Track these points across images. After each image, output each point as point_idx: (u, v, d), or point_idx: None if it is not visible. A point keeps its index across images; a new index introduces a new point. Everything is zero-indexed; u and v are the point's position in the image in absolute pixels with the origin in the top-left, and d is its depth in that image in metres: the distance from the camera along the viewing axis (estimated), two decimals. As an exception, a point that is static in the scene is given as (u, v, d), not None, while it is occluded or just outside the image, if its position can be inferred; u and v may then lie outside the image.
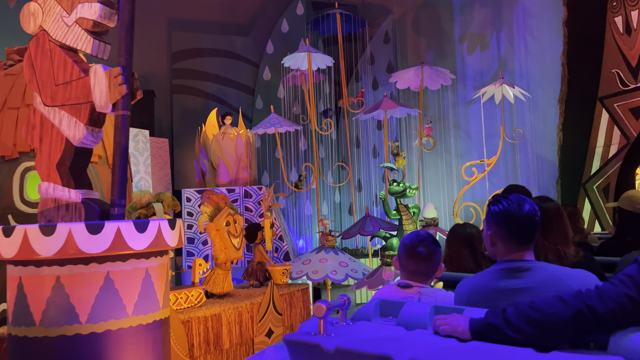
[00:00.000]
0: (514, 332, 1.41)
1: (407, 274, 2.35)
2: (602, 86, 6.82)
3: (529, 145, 8.10)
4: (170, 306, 3.78)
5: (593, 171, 7.03)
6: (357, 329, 1.59)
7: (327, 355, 1.43)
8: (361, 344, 1.43)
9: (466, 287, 1.92)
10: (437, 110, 9.92)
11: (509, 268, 1.78)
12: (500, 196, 1.85)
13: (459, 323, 1.49)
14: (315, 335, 1.51)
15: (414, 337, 1.49)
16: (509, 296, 1.70)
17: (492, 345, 1.39)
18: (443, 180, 9.46)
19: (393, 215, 6.46)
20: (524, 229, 1.78)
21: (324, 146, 9.82)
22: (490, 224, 1.84)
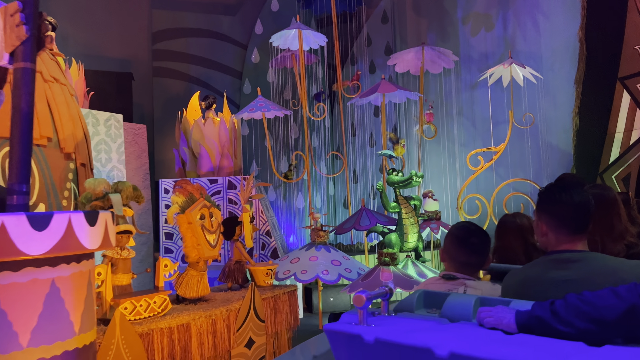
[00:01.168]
0: (562, 325, 1.35)
1: (456, 265, 2.27)
2: (623, 65, 6.16)
3: (539, 132, 7.44)
4: (123, 317, 3.11)
5: (612, 159, 6.38)
6: (399, 321, 1.55)
7: (367, 346, 1.41)
8: (401, 335, 1.40)
9: (514, 279, 1.85)
10: (438, 96, 9.25)
11: (559, 258, 1.72)
12: (551, 184, 1.79)
13: (505, 315, 1.44)
14: (356, 326, 1.48)
15: (457, 329, 1.45)
16: (559, 288, 1.62)
17: (540, 339, 1.34)
18: (445, 170, 8.81)
19: (392, 208, 5.81)
20: (575, 218, 1.72)
21: (317, 134, 9.15)
22: (541, 213, 1.78)
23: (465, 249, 2.27)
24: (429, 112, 8.22)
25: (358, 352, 1.47)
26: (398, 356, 1.40)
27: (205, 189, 4.38)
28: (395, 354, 1.40)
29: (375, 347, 1.41)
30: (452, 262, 2.30)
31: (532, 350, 1.26)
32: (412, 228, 5.79)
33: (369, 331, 1.45)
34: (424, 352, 1.32)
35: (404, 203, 5.81)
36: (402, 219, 5.81)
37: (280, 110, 6.96)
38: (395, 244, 5.80)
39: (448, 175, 8.83)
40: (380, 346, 1.41)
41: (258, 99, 6.84)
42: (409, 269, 5.70)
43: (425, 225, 6.60)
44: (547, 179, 7.55)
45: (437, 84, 9.26)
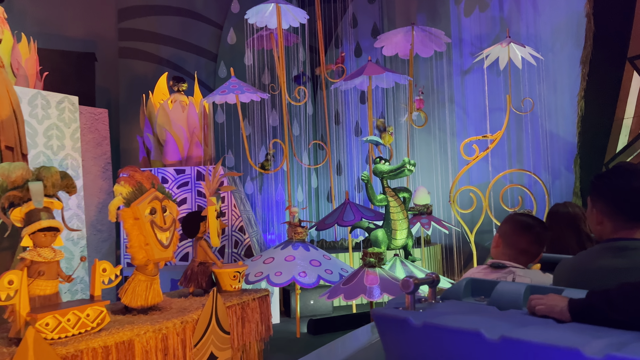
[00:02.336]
0: (619, 314, 1.29)
1: (514, 253, 2.22)
2: (634, 43, 5.57)
3: (539, 119, 6.87)
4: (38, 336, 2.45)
5: (619, 148, 5.81)
6: (446, 307, 1.53)
7: (415, 330, 1.40)
8: (449, 319, 1.38)
9: (567, 267, 1.81)
10: (429, 81, 8.65)
11: (615, 246, 1.67)
12: (607, 170, 1.73)
13: (557, 303, 1.38)
14: (403, 310, 1.47)
15: (507, 316, 1.43)
16: (614, 276, 1.52)
17: (594, 327, 1.29)
18: (436, 161, 8.22)
19: (378, 202, 5.19)
20: (632, 204, 1.64)
21: (298, 122, 8.49)
22: (596, 200, 1.72)
23: (528, 237, 2.22)
24: (418, 98, 7.59)
25: (406, 337, 1.46)
26: (446, 340, 1.37)
27: (157, 178, 3.71)
28: (443, 338, 1.38)
29: (423, 331, 1.40)
30: (508, 250, 2.23)
31: (586, 337, 1.21)
32: (401, 223, 5.18)
33: (417, 315, 1.43)
34: (473, 335, 1.29)
35: (392, 196, 5.19)
36: (390, 213, 5.19)
37: (255, 93, 6.28)
38: (382, 241, 5.18)
39: (439, 166, 8.24)
40: (428, 330, 1.39)
41: (231, 81, 6.16)
42: (397, 270, 5.09)
43: (415, 221, 5.99)
44: (547, 170, 6.99)
45: (428, 69, 8.65)
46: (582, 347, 1.14)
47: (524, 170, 6.71)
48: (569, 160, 6.56)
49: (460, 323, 1.35)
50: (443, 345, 1.37)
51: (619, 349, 1.13)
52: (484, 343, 1.27)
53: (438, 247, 8.01)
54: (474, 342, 1.29)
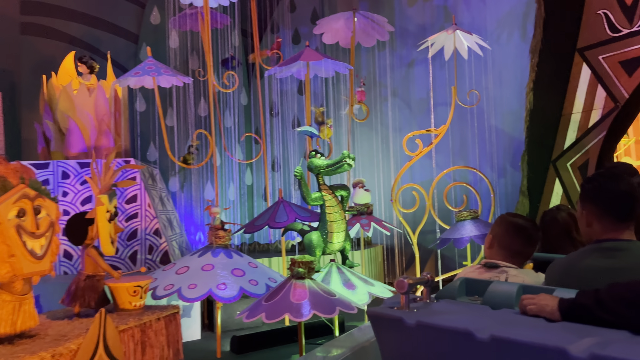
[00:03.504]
0: (607, 314, 1.33)
1: (507, 254, 2.23)
2: (584, 33, 5.28)
3: (484, 114, 6.52)
4: None
5: (567, 144, 5.52)
6: (440, 306, 1.57)
7: (409, 329, 1.44)
8: (442, 319, 1.42)
9: (558, 267, 1.82)
10: (371, 74, 8.17)
11: (605, 247, 1.69)
12: (595, 173, 1.76)
13: (547, 303, 1.42)
14: (398, 310, 1.50)
15: (499, 315, 1.46)
16: (604, 276, 1.52)
17: (583, 326, 1.32)
18: (378, 158, 7.74)
19: (313, 201, 4.59)
20: (620, 206, 1.67)
21: (231, 113, 7.76)
22: (585, 202, 1.74)
23: (521, 239, 2.25)
24: (360, 89, 7.07)
25: (400, 336, 1.49)
26: (439, 339, 1.40)
27: (31, 171, 2.93)
28: (436, 337, 1.40)
29: (416, 330, 1.43)
30: (502, 251, 2.25)
31: (574, 337, 1.22)
32: (338, 225, 4.60)
33: (411, 315, 1.46)
34: (464, 335, 1.31)
35: (328, 194, 4.60)
36: (326, 213, 4.60)
37: (175, 76, 5.51)
38: (316, 245, 4.58)
39: (381, 163, 7.77)
40: (422, 329, 1.42)
41: (147, 62, 5.36)
42: (332, 277, 4.51)
43: (354, 221, 5.45)
44: (492, 167, 6.66)
45: (370, 60, 8.17)
46: (569, 347, 1.16)
47: (468, 167, 6.34)
48: (515, 157, 6.25)
49: (452, 323, 1.38)
50: (436, 344, 1.41)
51: (603, 348, 1.15)
52: (475, 342, 1.29)
53: (379, 248, 7.54)
54: (466, 341, 1.31)
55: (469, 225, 5.08)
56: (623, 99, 4.98)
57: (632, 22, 4.84)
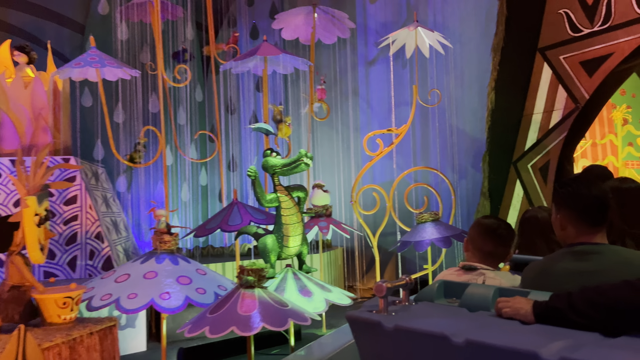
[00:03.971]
0: (579, 317, 1.37)
1: (481, 256, 2.29)
2: (545, 33, 5.21)
3: (446, 113, 6.41)
4: None
5: (528, 145, 5.44)
6: (419, 309, 1.60)
7: (387, 333, 1.45)
8: (420, 323, 1.44)
9: (533, 270, 1.85)
10: (332, 72, 7.95)
11: (578, 250, 1.72)
12: (569, 178, 1.94)
13: (522, 306, 1.46)
14: (376, 314, 1.52)
15: (475, 318, 1.49)
16: (577, 279, 1.57)
17: (555, 329, 1.36)
18: (338, 158, 7.54)
19: (268, 202, 4.32)
20: (594, 210, 1.72)
21: (185, 110, 7.39)
22: (560, 206, 1.78)
23: (493, 240, 2.29)
24: (320, 87, 6.84)
25: (378, 339, 1.50)
26: (416, 343, 1.41)
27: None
28: (413, 340, 1.41)
29: (394, 334, 1.44)
30: (476, 253, 2.30)
31: (546, 340, 1.26)
32: (294, 228, 4.34)
33: (389, 319, 1.47)
34: (441, 339, 1.33)
35: (285, 195, 4.35)
36: (282, 216, 4.35)
37: (121, 68, 5.12)
38: (271, 249, 4.31)
39: (342, 163, 7.57)
40: (399, 333, 1.43)
41: (90, 52, 4.96)
42: (288, 284, 4.26)
43: (312, 224, 5.20)
44: (453, 168, 6.56)
45: (331, 58, 7.96)
46: (540, 350, 1.19)
47: (429, 168, 6.21)
48: (476, 158, 6.16)
49: (429, 327, 1.40)
50: (414, 348, 1.43)
51: (574, 351, 1.19)
52: (450, 346, 1.32)
53: (339, 251, 7.33)
54: (442, 345, 1.33)
55: (430, 228, 4.92)
56: (583, 99, 4.93)
57: (592, 22, 4.80)
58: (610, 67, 4.68)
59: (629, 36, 4.51)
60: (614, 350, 1.21)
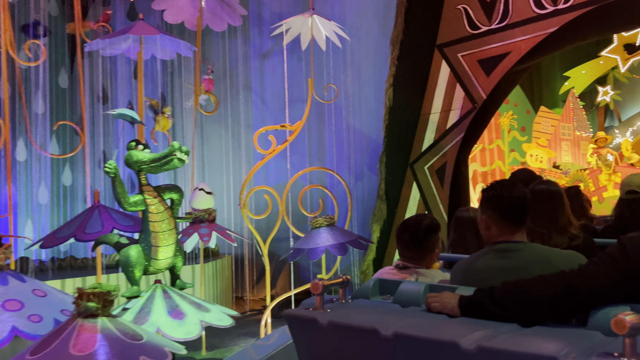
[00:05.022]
0: (499, 309, 1.47)
1: (401, 256, 2.45)
2: (444, 29, 5.00)
3: (342, 112, 6.03)
4: None
5: (425, 146, 5.21)
6: (354, 306, 1.66)
7: (322, 329, 1.51)
8: (352, 318, 1.51)
9: (461, 268, 1.96)
10: (222, 63, 7.28)
11: (499, 249, 1.85)
12: (493, 182, 1.93)
13: (449, 300, 1.55)
14: (312, 310, 1.58)
15: (405, 313, 1.57)
16: (499, 275, 1.66)
17: (478, 321, 1.45)
18: (228, 157, 6.87)
19: (131, 205, 3.58)
20: (514, 211, 1.85)
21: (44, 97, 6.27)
22: (485, 208, 1.90)
23: (399, 244, 2.46)
24: (207, 77, 6.14)
25: (314, 335, 1.57)
26: (349, 337, 1.49)
27: None
28: (346, 335, 1.50)
29: (328, 329, 1.51)
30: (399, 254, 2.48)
31: (467, 331, 1.33)
32: (165, 237, 3.65)
33: (324, 315, 1.54)
34: (371, 332, 1.41)
35: (153, 197, 3.63)
36: (150, 222, 3.63)
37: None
38: (135, 262, 3.58)
39: (232, 163, 6.92)
40: (333, 328, 1.50)
41: None
42: (156, 304, 3.55)
43: (191, 231, 4.50)
44: (350, 170, 6.19)
45: (221, 48, 7.28)
46: (459, 340, 1.28)
47: (324, 168, 5.78)
48: (373, 159, 5.84)
49: (361, 321, 1.48)
50: (347, 341, 1.51)
51: (490, 340, 1.28)
52: (379, 338, 1.40)
53: (227, 259, 6.66)
54: (372, 338, 1.42)
55: (325, 234, 4.44)
56: (481, 99, 4.79)
57: (491, 19, 4.66)
58: (508, 67, 4.56)
59: (526, 35, 4.41)
60: (526, 338, 1.30)
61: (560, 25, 4.17)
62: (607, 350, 1.16)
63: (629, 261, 1.42)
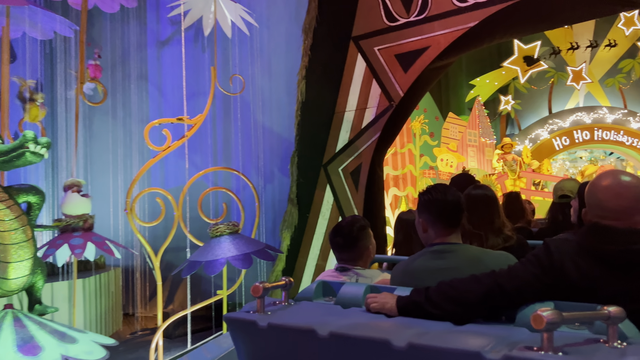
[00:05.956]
0: (434, 308, 1.53)
1: (338, 260, 2.48)
2: (360, 19, 4.63)
3: (250, 107, 5.47)
4: None
5: (340, 146, 4.80)
6: (296, 308, 1.68)
7: (262, 331, 1.53)
8: (291, 319, 1.54)
9: (400, 269, 2.01)
10: (114, 49, 6.43)
11: (435, 250, 1.91)
12: (430, 186, 2.01)
13: (387, 301, 1.60)
14: (253, 313, 1.60)
15: (345, 314, 1.61)
16: (435, 276, 1.72)
17: (413, 319, 1.52)
18: (116, 155, 6.03)
19: (-31, 211, 2.78)
20: (449, 214, 1.92)
21: None
22: (421, 211, 1.98)
23: (334, 248, 2.48)
24: (94, 63, 5.30)
25: (254, 337, 1.58)
26: (288, 338, 1.51)
27: None
28: (286, 336, 1.52)
29: (268, 331, 1.52)
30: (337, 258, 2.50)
31: (401, 329, 1.41)
32: (17, 250, 2.89)
33: (264, 318, 1.56)
34: (309, 333, 1.44)
35: (2, 200, 2.87)
36: (-3, 232, 2.85)
37: None
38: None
39: (122, 161, 6.08)
40: (273, 330, 1.52)
41: None
42: (2, 335, 2.77)
43: (60, 241, 3.71)
44: (258, 171, 5.64)
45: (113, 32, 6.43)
46: (391, 338, 1.34)
47: (228, 168, 5.19)
48: (283, 160, 5.34)
49: (299, 322, 1.51)
50: (285, 343, 1.53)
51: (420, 337, 1.34)
52: (317, 339, 1.43)
53: (113, 273, 5.81)
54: (310, 338, 1.44)
55: (226, 243, 3.86)
56: (398, 97, 4.46)
57: (409, 11, 4.35)
58: (426, 62, 4.27)
59: (446, 29, 4.15)
60: (455, 335, 1.38)
61: (480, 19, 3.95)
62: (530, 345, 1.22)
63: (552, 261, 1.51)
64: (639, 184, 1.56)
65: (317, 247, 4.90)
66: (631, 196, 1.53)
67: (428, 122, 9.69)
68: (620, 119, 12.78)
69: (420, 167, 9.36)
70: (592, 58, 13.05)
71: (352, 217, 2.57)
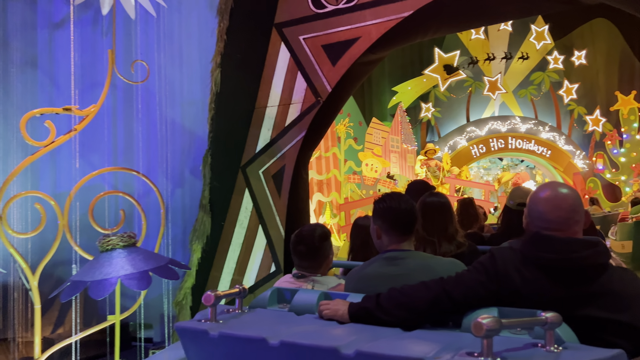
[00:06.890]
0: (384, 314, 1.56)
1: (297, 267, 2.51)
2: (283, 5, 4.13)
3: (157, 97, 4.79)
4: None
5: (260, 146, 4.27)
6: (250, 316, 1.68)
7: (213, 340, 1.51)
8: (242, 329, 1.53)
9: (354, 275, 2.04)
10: (-4, 29, 5.48)
11: (388, 257, 1.94)
12: (385, 194, 2.06)
13: (339, 307, 1.63)
14: (204, 322, 1.58)
15: (298, 321, 1.62)
16: (387, 282, 1.74)
17: (364, 326, 1.55)
18: (-7, 151, 5.08)
19: None
20: (402, 222, 1.97)
21: None
22: (376, 218, 2.02)
23: (295, 256, 2.50)
24: (-38, 40, 4.39)
25: (205, 347, 1.56)
26: (239, 348, 1.50)
27: None
28: (236, 346, 1.50)
29: (219, 341, 1.51)
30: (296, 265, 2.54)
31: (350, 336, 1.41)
32: None
33: (215, 326, 1.55)
34: (259, 342, 1.44)
35: None
36: None
37: None
38: None
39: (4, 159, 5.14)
40: (224, 340, 1.50)
41: None
42: None
43: None
44: (166, 173, 4.96)
45: (-5, 9, 5.48)
46: (338, 345, 1.35)
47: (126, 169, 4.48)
48: (196, 161, 4.71)
49: (250, 331, 1.50)
50: (236, 352, 1.52)
51: (367, 343, 1.36)
52: (268, 347, 1.42)
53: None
54: (261, 347, 1.44)
55: (119, 259, 3.18)
56: (325, 93, 4.02)
57: (338, -3, 3.92)
58: (356, 55, 3.87)
59: (377, 19, 3.77)
60: (402, 341, 1.40)
61: (415, 9, 3.61)
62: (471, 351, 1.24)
63: (496, 268, 1.57)
64: (575, 196, 1.64)
65: (233, 260, 4.32)
66: (568, 207, 1.61)
67: (353, 125, 9.43)
68: (532, 129, 13.34)
69: (345, 172, 9.07)
70: (507, 69, 13.53)
71: (314, 225, 2.61)
